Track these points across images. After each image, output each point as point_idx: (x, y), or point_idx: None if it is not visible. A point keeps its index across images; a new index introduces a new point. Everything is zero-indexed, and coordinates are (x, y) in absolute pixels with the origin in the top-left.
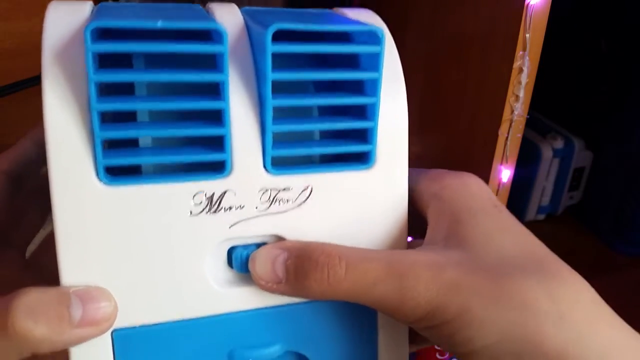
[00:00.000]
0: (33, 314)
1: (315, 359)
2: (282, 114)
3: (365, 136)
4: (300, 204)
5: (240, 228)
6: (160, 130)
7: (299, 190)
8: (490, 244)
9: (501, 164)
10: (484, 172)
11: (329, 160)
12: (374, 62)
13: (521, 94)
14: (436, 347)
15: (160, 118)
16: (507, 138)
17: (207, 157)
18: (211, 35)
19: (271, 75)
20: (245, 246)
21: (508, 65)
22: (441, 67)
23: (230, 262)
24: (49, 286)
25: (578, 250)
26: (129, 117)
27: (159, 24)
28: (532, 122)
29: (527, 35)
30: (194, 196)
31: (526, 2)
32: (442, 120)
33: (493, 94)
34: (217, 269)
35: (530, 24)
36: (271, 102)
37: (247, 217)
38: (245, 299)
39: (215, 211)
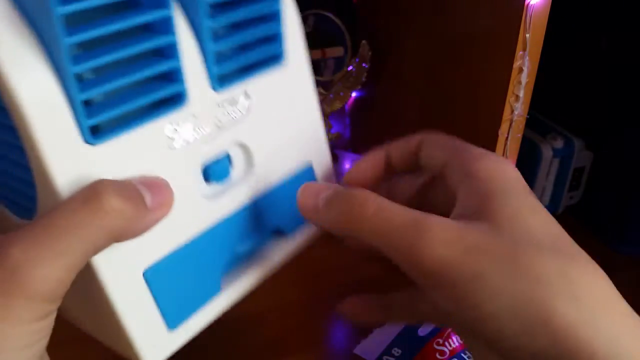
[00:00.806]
0: (121, 195)
1: (290, 226)
2: (213, 35)
3: (276, 39)
4: (247, 111)
5: (210, 148)
6: (132, 75)
7: (243, 99)
8: (517, 221)
9: None
10: None
11: (252, 69)
12: None
13: (521, 94)
14: (435, 346)
15: (109, 70)
16: (507, 138)
17: (169, 90)
18: None
19: (206, 1)
20: (217, 160)
21: (508, 65)
22: (441, 67)
23: (207, 178)
24: None
25: None
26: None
27: None
28: (532, 122)
29: (527, 35)
30: (167, 131)
31: (526, 2)
32: (442, 120)
33: (493, 94)
34: (202, 187)
35: (530, 24)
36: (209, 25)
37: (212, 136)
38: (232, 201)
39: (187, 140)
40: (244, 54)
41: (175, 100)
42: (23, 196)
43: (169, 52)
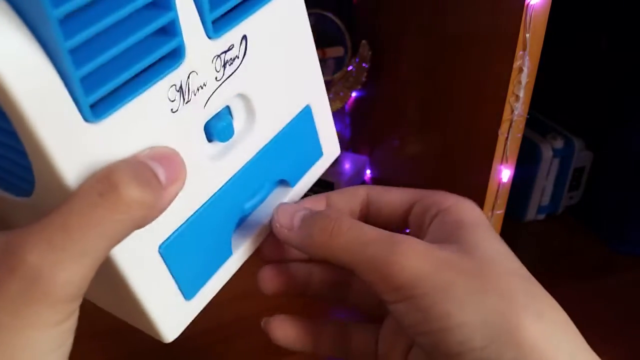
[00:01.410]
0: (139, 182)
1: (294, 175)
2: None
3: None
4: (245, 56)
5: (211, 104)
6: (128, 37)
7: (239, 44)
8: (485, 247)
9: (501, 164)
10: (484, 172)
11: (246, 7)
12: None
13: (521, 94)
14: None
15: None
16: (507, 138)
17: (167, 46)
18: None
19: None
20: (217, 116)
21: (508, 65)
22: (441, 67)
23: (209, 137)
24: None
25: (578, 250)
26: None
27: None
28: (532, 122)
29: (527, 35)
30: (168, 93)
31: (526, 2)
32: (442, 120)
33: (493, 94)
34: (206, 148)
35: (530, 24)
36: None
37: (212, 91)
38: (237, 159)
39: (188, 100)
40: None
41: (174, 56)
42: (15, 176)
43: (163, 2)
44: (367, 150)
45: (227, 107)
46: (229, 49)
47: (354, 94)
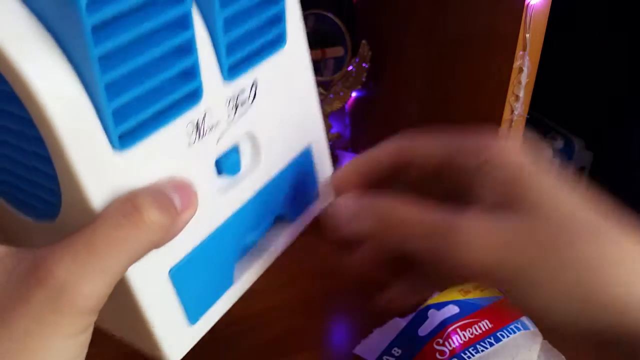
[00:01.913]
0: (159, 207)
1: (292, 212)
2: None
3: (280, 20)
4: (254, 99)
5: (223, 141)
6: (155, 77)
7: (249, 87)
8: (550, 205)
9: None
10: None
11: (258, 55)
12: None
13: (521, 94)
14: (435, 346)
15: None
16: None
17: (187, 87)
18: None
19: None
20: (228, 153)
21: (508, 65)
22: (441, 67)
23: (219, 171)
24: None
25: None
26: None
27: None
28: (532, 122)
29: (527, 35)
30: (186, 128)
31: (526, 2)
32: (442, 120)
33: (493, 94)
34: (216, 181)
35: (530, 24)
36: (222, 15)
37: (224, 129)
38: (242, 193)
39: (203, 135)
40: (251, 40)
41: (193, 96)
42: (40, 200)
43: (187, 48)
44: (367, 150)
45: (236, 144)
46: (241, 91)
47: (354, 94)
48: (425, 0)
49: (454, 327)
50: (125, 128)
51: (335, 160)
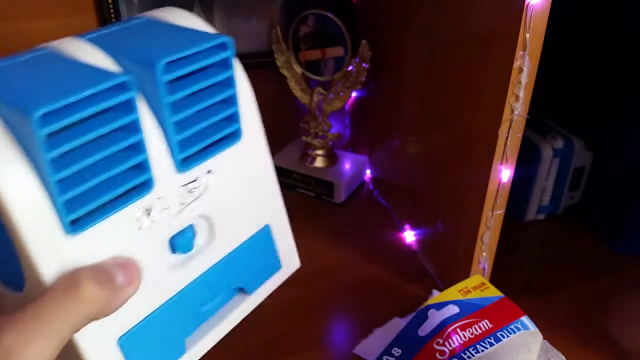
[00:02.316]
0: (97, 282)
1: (251, 285)
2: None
3: (234, 119)
4: (209, 186)
5: (175, 223)
6: (107, 172)
7: (204, 176)
8: None
9: (501, 164)
10: (484, 172)
11: (213, 148)
12: (227, 63)
13: (521, 94)
14: (435, 346)
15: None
16: (507, 138)
17: (138, 179)
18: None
19: (168, 98)
20: (181, 232)
21: (508, 65)
22: (441, 67)
23: (173, 249)
24: None
25: (578, 250)
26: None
27: (86, 93)
28: (532, 122)
29: (527, 35)
30: (136, 215)
31: (526, 2)
32: (442, 120)
33: (493, 94)
34: (169, 258)
35: (530, 24)
36: (172, 119)
37: (177, 213)
38: (196, 268)
39: (154, 220)
40: (204, 137)
41: (143, 187)
42: (13, 274)
43: (137, 148)
44: (367, 150)
45: (191, 224)
46: (194, 180)
47: (354, 94)
48: (425, 0)
49: (454, 327)
50: (77, 215)
51: (336, 160)
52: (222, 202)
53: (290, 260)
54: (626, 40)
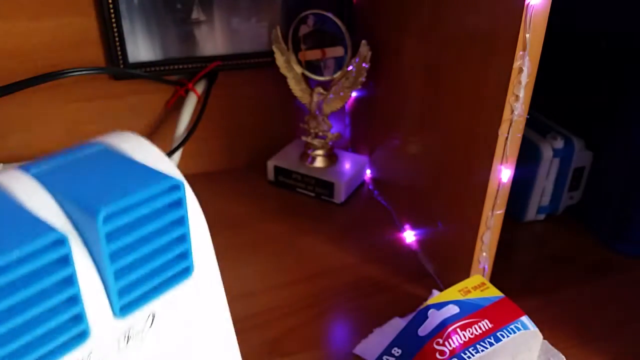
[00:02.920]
0: None
1: None
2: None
3: (185, 256)
4: (150, 328)
5: None
6: (39, 328)
7: (145, 319)
8: None
9: (501, 164)
10: (484, 172)
11: (157, 290)
12: (179, 203)
13: (521, 94)
14: (435, 346)
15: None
16: (507, 138)
17: (72, 332)
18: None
19: (107, 249)
20: None
21: (508, 66)
22: (441, 67)
23: None
24: None
25: (578, 250)
26: None
27: (16, 254)
28: (532, 122)
29: (527, 35)
30: None
31: (526, 2)
32: (442, 120)
33: (493, 94)
34: None
35: (530, 24)
36: (111, 268)
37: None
38: None
39: None
40: (149, 279)
41: (79, 337)
42: None
43: (73, 300)
44: (367, 150)
45: None
46: (135, 325)
47: (354, 94)
48: (425, 0)
49: (454, 327)
50: None
51: (335, 160)
52: (166, 347)
53: None
54: (626, 40)
